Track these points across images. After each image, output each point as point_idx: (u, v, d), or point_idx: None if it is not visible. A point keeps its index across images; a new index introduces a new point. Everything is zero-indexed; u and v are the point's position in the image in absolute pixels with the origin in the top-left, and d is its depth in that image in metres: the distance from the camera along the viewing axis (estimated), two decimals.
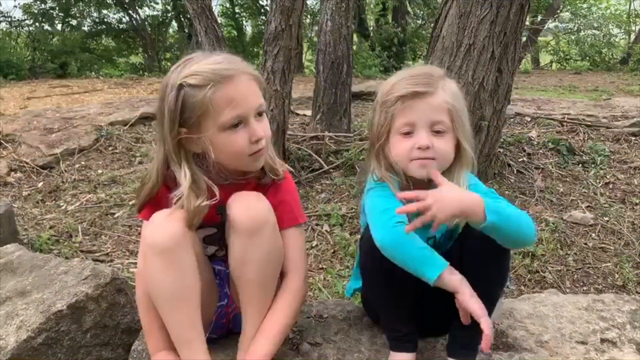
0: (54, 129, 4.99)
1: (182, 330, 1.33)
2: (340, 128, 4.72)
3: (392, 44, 13.13)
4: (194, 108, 1.26)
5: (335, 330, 1.61)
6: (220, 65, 1.28)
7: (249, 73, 1.32)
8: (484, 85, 3.21)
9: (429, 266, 1.29)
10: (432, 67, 1.49)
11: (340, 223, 3.18)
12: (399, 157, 1.38)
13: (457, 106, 1.39)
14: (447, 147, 1.37)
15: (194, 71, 1.26)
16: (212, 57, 1.31)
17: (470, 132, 1.43)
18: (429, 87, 1.36)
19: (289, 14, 3.40)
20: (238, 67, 1.30)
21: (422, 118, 1.35)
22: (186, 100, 1.26)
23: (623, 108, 5.87)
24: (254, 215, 1.32)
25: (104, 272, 1.70)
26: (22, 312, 1.57)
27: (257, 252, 1.33)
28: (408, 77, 1.39)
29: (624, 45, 15.75)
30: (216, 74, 1.25)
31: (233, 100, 1.27)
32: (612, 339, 1.55)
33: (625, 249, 2.95)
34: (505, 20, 3.07)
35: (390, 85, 1.40)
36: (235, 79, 1.28)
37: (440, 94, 1.37)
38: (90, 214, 3.38)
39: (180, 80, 1.26)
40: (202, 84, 1.24)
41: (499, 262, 1.36)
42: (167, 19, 16.21)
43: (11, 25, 13.99)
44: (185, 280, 1.30)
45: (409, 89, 1.36)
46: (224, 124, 1.28)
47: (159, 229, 1.28)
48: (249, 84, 1.31)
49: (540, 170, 4.02)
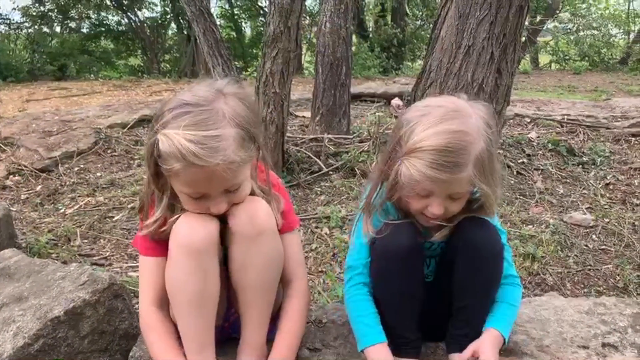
0: (52, 131, 4.97)
1: (198, 334, 1.32)
2: (340, 129, 4.70)
3: (391, 45, 13.16)
4: (162, 167, 1.20)
5: (335, 335, 1.60)
6: (198, 148, 1.13)
7: (227, 161, 1.16)
8: (483, 86, 3.19)
9: (360, 336, 1.41)
10: (465, 117, 1.26)
11: (340, 225, 3.16)
12: (409, 208, 1.36)
13: (485, 164, 1.26)
14: (459, 206, 1.34)
15: (170, 136, 1.14)
16: (192, 115, 1.16)
17: (499, 173, 1.34)
18: (457, 171, 1.22)
19: (288, 15, 3.39)
20: (214, 160, 1.14)
21: (442, 191, 1.28)
22: (158, 158, 1.19)
23: (623, 108, 5.87)
24: (254, 221, 1.31)
25: (101, 277, 1.69)
26: (19, 318, 1.55)
27: (258, 258, 1.32)
28: (437, 149, 1.20)
29: (623, 45, 15.76)
30: (187, 158, 1.13)
31: (194, 183, 1.20)
32: (614, 343, 1.54)
33: (626, 250, 2.94)
34: (505, 22, 3.06)
35: (419, 142, 1.23)
36: (207, 169, 1.15)
37: (468, 170, 1.23)
38: (89, 218, 3.36)
39: (159, 129, 1.18)
40: (168, 156, 1.16)
41: (491, 266, 1.37)
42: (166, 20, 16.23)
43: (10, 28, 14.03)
44: (208, 284, 1.30)
45: (433, 175, 1.21)
46: (181, 191, 1.25)
47: (196, 229, 1.26)
48: (222, 172, 1.17)
49: (540, 172, 4.02)
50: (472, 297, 1.39)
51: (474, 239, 1.34)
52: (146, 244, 1.37)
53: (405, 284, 1.38)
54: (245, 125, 1.22)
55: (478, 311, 1.41)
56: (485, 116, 1.30)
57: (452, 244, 1.40)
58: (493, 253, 1.36)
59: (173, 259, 1.28)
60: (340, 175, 3.93)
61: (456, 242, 1.38)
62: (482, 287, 1.39)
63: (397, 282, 1.38)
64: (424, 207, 1.32)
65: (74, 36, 14.99)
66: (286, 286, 1.46)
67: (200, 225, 1.27)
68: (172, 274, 1.30)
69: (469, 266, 1.35)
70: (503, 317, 1.41)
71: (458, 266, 1.37)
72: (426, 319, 1.47)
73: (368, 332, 1.40)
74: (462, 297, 1.39)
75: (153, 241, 1.36)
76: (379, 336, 1.39)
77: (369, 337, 1.39)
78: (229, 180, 1.21)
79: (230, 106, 1.21)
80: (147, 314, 1.36)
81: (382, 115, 4.52)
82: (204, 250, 1.26)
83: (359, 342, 1.41)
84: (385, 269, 1.39)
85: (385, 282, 1.41)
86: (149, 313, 1.36)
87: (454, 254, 1.38)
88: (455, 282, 1.39)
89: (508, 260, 1.44)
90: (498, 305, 1.42)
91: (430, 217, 1.33)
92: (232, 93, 1.25)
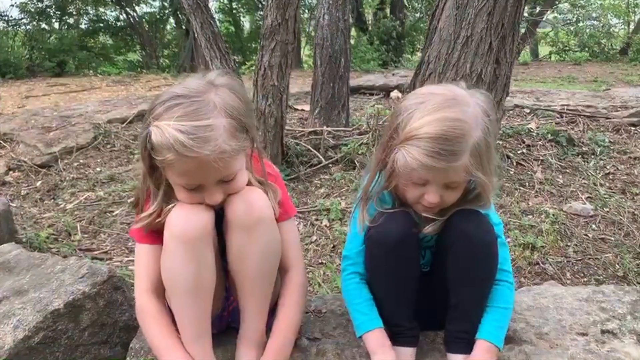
0: (52, 127, 4.97)
1: (194, 323, 1.33)
2: (339, 122, 4.70)
3: (390, 37, 13.11)
4: (156, 159, 1.20)
5: (334, 325, 1.60)
6: (188, 139, 1.13)
7: (218, 151, 1.17)
8: (482, 77, 3.18)
9: (357, 324, 1.43)
10: (463, 105, 1.25)
11: (340, 218, 3.17)
12: (406, 197, 1.36)
13: (483, 153, 1.25)
14: (456, 196, 1.33)
15: (161, 127, 1.15)
16: (183, 107, 1.17)
17: (496, 163, 1.34)
18: (453, 160, 1.21)
19: (285, 8, 3.38)
20: (204, 151, 1.15)
21: (438, 179, 1.27)
22: (151, 150, 1.20)
23: (622, 98, 5.85)
24: (252, 210, 1.31)
25: (101, 270, 1.69)
26: (19, 312, 1.56)
27: (256, 247, 1.32)
28: (433, 137, 1.19)
29: (623, 35, 15.70)
30: (178, 149, 1.14)
31: (187, 173, 1.21)
32: (613, 330, 1.54)
33: (626, 239, 2.94)
34: (503, 12, 3.05)
35: (416, 129, 1.22)
36: (198, 159, 1.16)
37: (464, 159, 1.22)
38: (89, 212, 3.37)
39: (152, 122, 1.18)
40: (161, 147, 1.16)
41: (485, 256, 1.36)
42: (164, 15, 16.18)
43: (8, 24, 13.98)
44: (205, 274, 1.30)
45: (429, 163, 1.20)
46: (176, 183, 1.26)
47: (189, 219, 1.26)
48: (215, 162, 1.18)
49: (539, 162, 4.01)
50: (468, 290, 1.38)
51: (466, 229, 1.33)
52: (142, 232, 1.38)
53: (398, 272, 1.38)
54: (236, 116, 1.22)
55: (474, 305, 1.40)
56: (484, 105, 1.28)
57: (445, 236, 1.40)
58: (485, 243, 1.34)
59: (167, 248, 1.29)
60: (340, 168, 3.93)
61: (449, 233, 1.37)
62: (477, 279, 1.37)
63: (391, 270, 1.37)
64: (420, 196, 1.31)
65: (73, 32, 14.94)
66: (284, 275, 1.47)
67: (194, 215, 1.27)
68: (167, 264, 1.30)
69: (462, 258, 1.34)
70: (494, 324, 1.38)
71: (451, 259, 1.36)
72: (424, 309, 1.47)
73: (364, 319, 1.41)
74: (457, 291, 1.38)
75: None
76: (374, 322, 1.40)
77: (366, 324, 1.40)
78: (221, 170, 1.21)
79: (221, 97, 1.22)
80: (142, 300, 1.36)
81: (381, 108, 4.50)
82: (198, 240, 1.26)
83: (357, 330, 1.42)
84: (377, 257, 1.39)
85: (378, 271, 1.41)
86: (145, 299, 1.36)
87: (448, 246, 1.37)
88: (449, 275, 1.38)
89: (503, 255, 1.43)
90: (489, 311, 1.40)
91: (426, 206, 1.33)
92: (223, 84, 1.25)
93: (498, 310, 1.40)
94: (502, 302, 1.41)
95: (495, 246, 1.37)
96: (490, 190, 1.35)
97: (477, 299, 1.40)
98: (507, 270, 1.45)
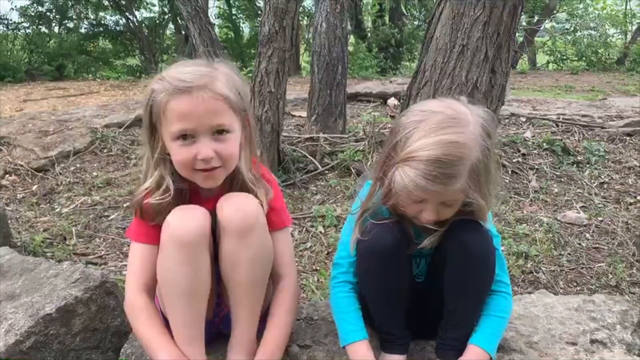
0: (49, 131, 4.97)
1: (187, 326, 1.33)
2: (336, 129, 4.71)
3: (389, 45, 13.15)
4: (156, 112, 1.29)
5: (325, 332, 1.61)
6: (184, 75, 1.26)
7: (214, 91, 1.26)
8: (477, 86, 3.20)
9: (342, 333, 1.43)
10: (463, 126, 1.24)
11: (335, 224, 3.17)
12: (404, 212, 1.37)
13: (481, 175, 1.26)
14: (453, 211, 1.34)
15: (161, 76, 1.29)
16: (188, 66, 1.31)
17: (495, 182, 1.35)
18: (450, 183, 1.22)
19: (283, 15, 3.40)
20: (201, 82, 1.25)
21: (435, 199, 1.28)
22: (152, 104, 1.29)
23: (618, 108, 5.88)
24: (244, 216, 1.32)
25: (93, 275, 1.70)
26: (11, 316, 1.56)
27: (247, 253, 1.33)
28: (431, 160, 1.20)
29: (620, 45, 15.77)
30: (173, 84, 1.25)
31: (183, 113, 1.25)
32: (602, 340, 1.55)
33: (619, 249, 2.95)
34: (499, 21, 3.07)
35: (414, 151, 1.23)
36: (194, 93, 1.24)
37: (461, 182, 1.23)
38: (85, 217, 3.37)
39: (157, 80, 1.31)
40: (161, 90, 1.26)
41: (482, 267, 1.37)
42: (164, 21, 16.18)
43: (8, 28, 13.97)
44: (200, 277, 1.31)
45: (426, 186, 1.21)
46: (172, 134, 1.28)
47: (187, 222, 1.28)
48: (209, 101, 1.25)
49: (534, 171, 4.03)
50: (464, 300, 1.38)
51: (464, 240, 1.34)
52: (138, 231, 1.39)
53: (389, 282, 1.38)
54: (236, 88, 1.32)
55: (469, 314, 1.41)
56: (485, 123, 1.28)
57: (443, 246, 1.40)
58: (484, 254, 1.35)
59: (164, 250, 1.30)
60: (336, 175, 3.94)
61: (447, 244, 1.38)
62: (473, 289, 1.38)
63: (381, 280, 1.38)
64: (417, 212, 1.33)
65: (72, 36, 14.94)
66: (276, 283, 1.48)
67: (191, 218, 1.29)
68: (163, 266, 1.31)
69: (459, 268, 1.35)
70: (488, 331, 1.39)
71: (449, 268, 1.37)
72: (417, 318, 1.48)
73: (349, 330, 1.42)
74: (453, 299, 1.39)
75: (145, 227, 1.37)
76: (359, 333, 1.41)
77: (351, 334, 1.41)
78: (215, 114, 1.26)
79: (224, 72, 1.33)
80: (134, 296, 1.37)
81: (378, 115, 4.52)
82: (195, 243, 1.28)
83: (341, 339, 1.43)
84: (368, 267, 1.40)
85: (369, 280, 1.42)
86: (136, 295, 1.36)
87: (445, 256, 1.38)
88: (446, 284, 1.38)
89: (500, 266, 1.44)
90: (484, 319, 1.41)
91: (423, 222, 1.34)
92: (226, 66, 1.37)
93: (493, 318, 1.41)
94: (499, 311, 1.42)
95: (494, 257, 1.38)
96: (486, 211, 1.36)
97: (473, 309, 1.41)
98: (505, 282, 1.46)
